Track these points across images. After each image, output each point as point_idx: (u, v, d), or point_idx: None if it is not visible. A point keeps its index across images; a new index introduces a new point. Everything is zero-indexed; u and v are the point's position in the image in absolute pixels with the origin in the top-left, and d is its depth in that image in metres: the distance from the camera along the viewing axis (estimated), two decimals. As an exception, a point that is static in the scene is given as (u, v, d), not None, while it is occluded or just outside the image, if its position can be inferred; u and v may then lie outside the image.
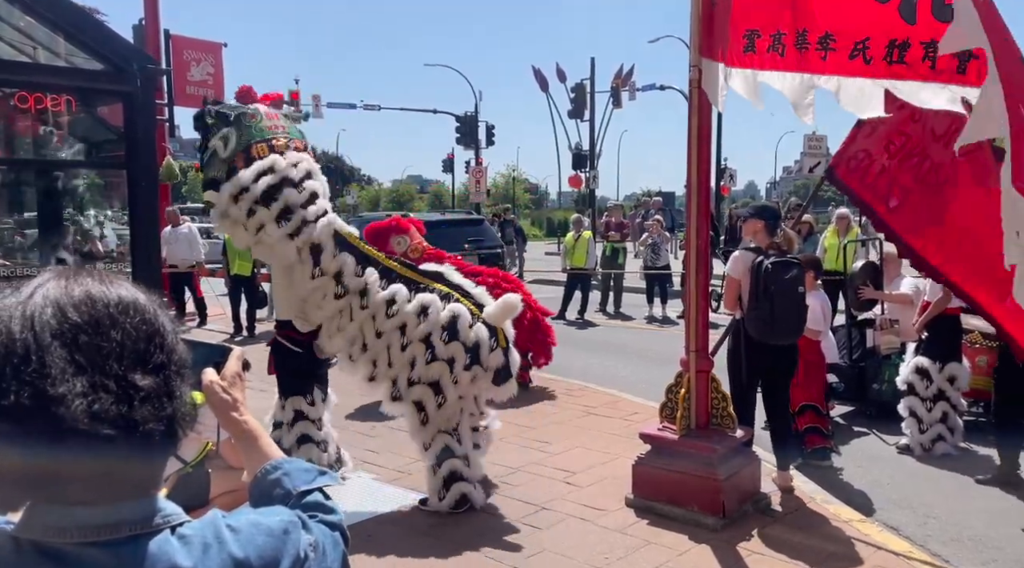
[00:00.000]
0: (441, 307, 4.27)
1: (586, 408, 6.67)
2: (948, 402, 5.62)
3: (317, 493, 1.13)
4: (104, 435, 0.82)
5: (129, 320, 0.89)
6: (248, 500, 1.17)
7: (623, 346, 10.15)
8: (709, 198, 4.76)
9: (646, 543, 4.02)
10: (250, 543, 0.92)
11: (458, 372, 4.25)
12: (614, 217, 14.01)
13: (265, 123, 4.44)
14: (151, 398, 0.87)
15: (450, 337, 4.23)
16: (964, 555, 4.10)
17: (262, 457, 1.17)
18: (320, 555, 1.00)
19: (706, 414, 4.56)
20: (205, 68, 9.84)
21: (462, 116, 28.92)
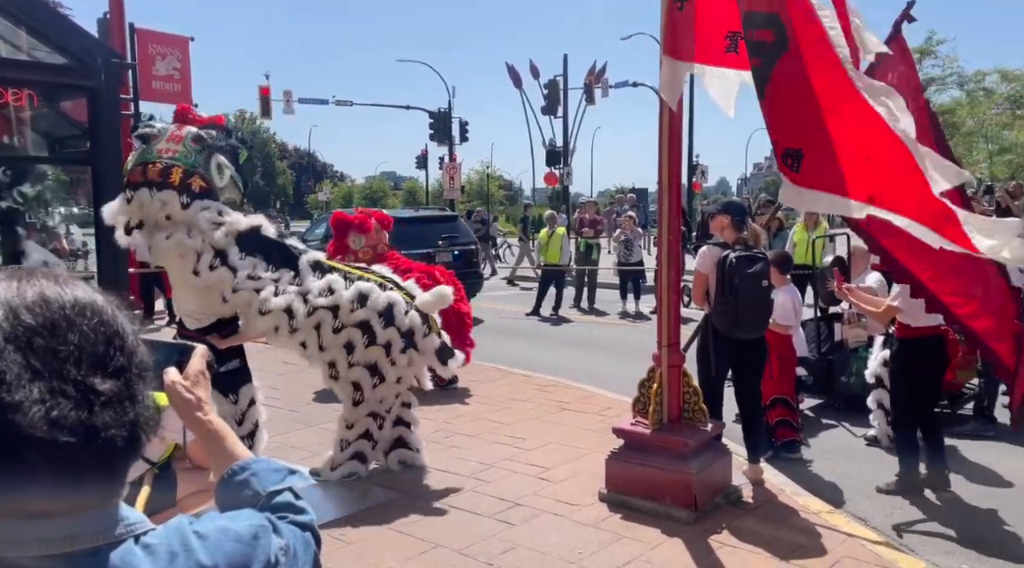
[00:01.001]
0: (379, 294, 4.58)
1: (560, 403, 6.69)
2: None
3: (287, 493, 1.10)
4: (64, 443, 0.79)
5: (86, 322, 0.86)
6: (215, 502, 1.15)
7: (597, 342, 10.19)
8: (680, 194, 4.79)
9: (619, 537, 4.04)
10: (218, 550, 0.90)
11: (395, 355, 4.60)
12: (588, 213, 14.06)
13: (159, 146, 4.49)
14: (112, 403, 0.84)
15: (386, 323, 4.57)
16: (929, 544, 4.19)
17: (229, 457, 1.15)
18: (291, 558, 0.98)
19: (678, 408, 4.60)
20: (171, 63, 9.65)
21: (435, 112, 28.80)
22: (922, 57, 26.73)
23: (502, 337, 10.65)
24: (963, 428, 6.03)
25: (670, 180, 4.52)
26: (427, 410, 6.53)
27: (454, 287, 6.79)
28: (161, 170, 4.51)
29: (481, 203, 51.36)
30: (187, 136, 4.55)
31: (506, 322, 12.00)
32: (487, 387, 7.34)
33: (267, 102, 26.74)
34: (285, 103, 28.82)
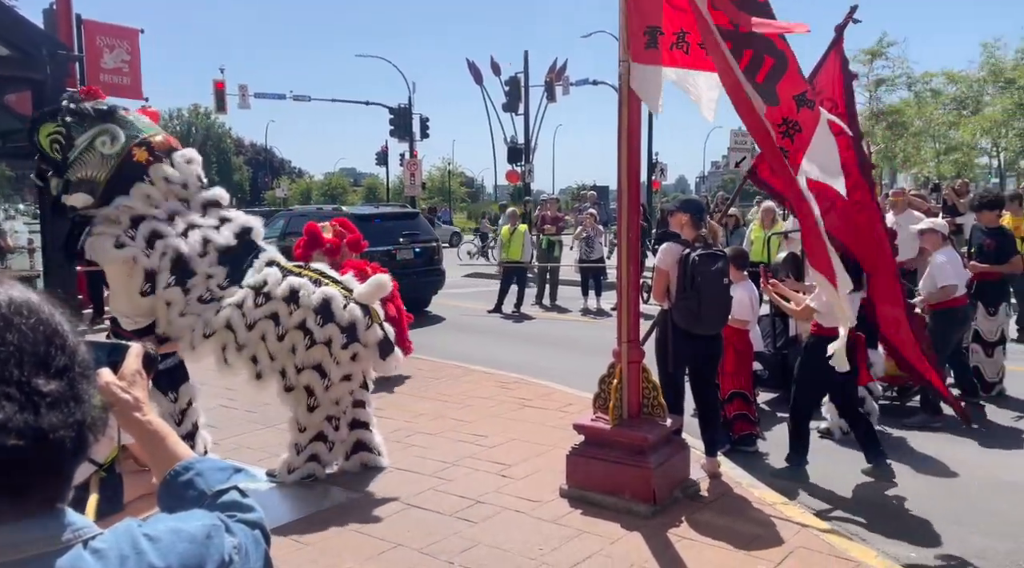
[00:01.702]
0: (312, 290, 4.45)
1: (521, 400, 6.70)
2: (865, 387, 5.89)
3: (234, 492, 1.08)
4: (10, 447, 0.77)
5: (24, 321, 0.83)
6: (157, 505, 1.12)
7: (559, 338, 10.24)
8: (639, 192, 4.84)
9: (580, 532, 4.07)
10: (171, 551, 0.88)
11: (336, 352, 4.44)
12: (549, 210, 14.11)
13: (144, 119, 4.39)
14: (58, 404, 0.82)
15: (324, 320, 4.42)
16: (879, 533, 4.31)
17: (171, 458, 1.12)
18: (243, 557, 0.97)
19: (638, 404, 4.65)
20: (120, 55, 9.38)
21: (396, 108, 28.57)
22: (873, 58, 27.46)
23: (464, 334, 10.63)
24: (911, 420, 6.22)
25: (629, 178, 4.56)
26: (388, 409, 6.50)
27: None
28: (162, 143, 4.41)
29: (443, 200, 51.19)
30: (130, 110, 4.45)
31: (468, 319, 11.98)
32: (449, 385, 7.32)
33: (222, 96, 26.16)
34: (241, 98, 28.24)
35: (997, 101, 24.24)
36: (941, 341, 6.25)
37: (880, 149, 28.69)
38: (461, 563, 3.75)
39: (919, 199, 9.72)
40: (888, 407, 6.41)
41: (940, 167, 27.31)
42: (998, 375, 6.98)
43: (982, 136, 25.28)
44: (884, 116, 27.90)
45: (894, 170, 31.63)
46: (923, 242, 6.87)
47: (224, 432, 5.75)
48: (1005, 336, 7.18)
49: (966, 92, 26.41)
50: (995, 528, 4.32)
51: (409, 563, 3.76)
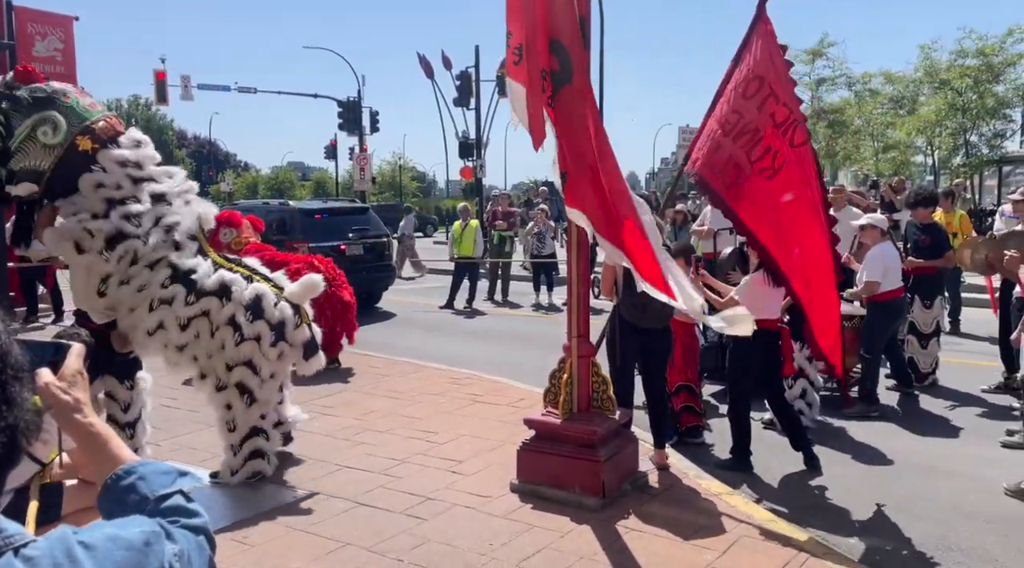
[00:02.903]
0: (244, 286, 4.44)
1: (473, 396, 6.69)
2: (807, 379, 6.06)
3: (178, 496, 1.05)
4: None
5: None
6: (98, 509, 1.08)
7: (511, 334, 10.26)
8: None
9: (530, 527, 4.09)
10: (107, 559, 0.84)
11: (265, 349, 4.44)
12: (501, 206, 14.10)
13: (84, 101, 4.22)
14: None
15: (254, 316, 4.42)
16: (819, 520, 4.44)
17: (112, 461, 1.07)
18: (185, 564, 0.94)
19: (587, 398, 4.68)
20: (52, 43, 9.00)
21: (345, 101, 28.13)
22: (815, 58, 28.16)
23: (415, 330, 10.56)
24: (850, 410, 6.42)
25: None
26: (338, 407, 6.41)
27: (335, 275, 7.46)
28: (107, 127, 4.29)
29: (394, 195, 50.69)
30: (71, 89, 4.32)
31: (419, 315, 11.91)
32: (400, 381, 7.27)
33: (163, 87, 25.38)
34: (183, 88, 27.45)
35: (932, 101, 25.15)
36: (877, 332, 6.46)
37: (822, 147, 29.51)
38: (411, 561, 3.72)
39: (858, 196, 10.02)
40: (829, 398, 6.60)
41: (878, 165, 28.21)
42: (932, 366, 7.25)
43: (917, 135, 26.18)
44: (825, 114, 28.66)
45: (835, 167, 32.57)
46: (862, 237, 7.08)
47: (166, 433, 5.59)
48: (939, 328, 7.47)
49: (903, 92, 27.32)
50: (930, 513, 4.49)
51: (358, 562, 3.72)
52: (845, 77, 28.77)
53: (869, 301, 6.52)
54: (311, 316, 4.82)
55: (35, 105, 4.05)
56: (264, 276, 4.70)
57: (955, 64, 24.08)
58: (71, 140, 4.09)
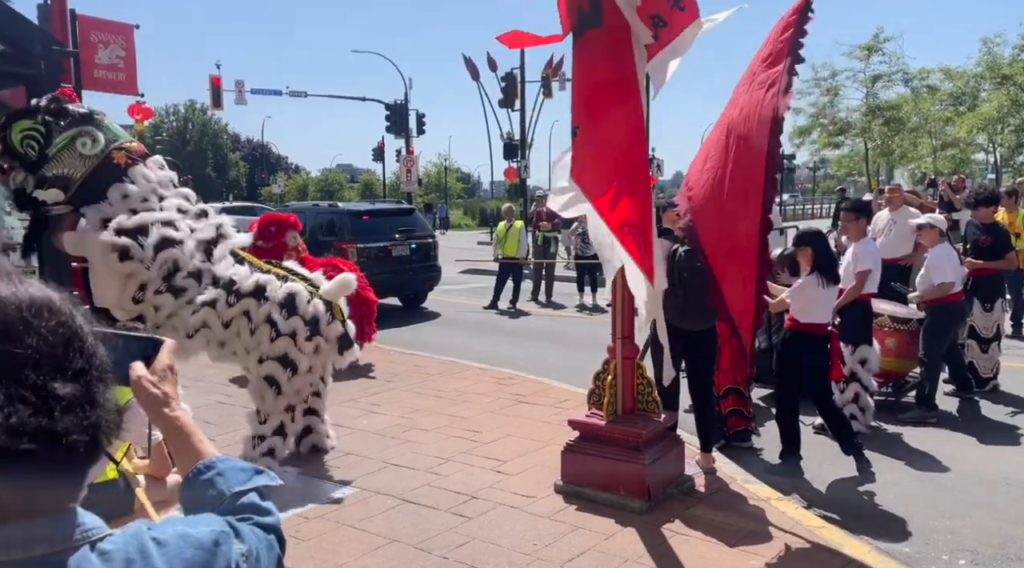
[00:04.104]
0: (278, 286, 4.69)
1: (517, 396, 6.71)
2: (859, 383, 5.91)
3: (253, 494, 1.07)
4: (23, 450, 0.76)
5: (44, 324, 0.83)
6: (179, 502, 1.12)
7: (554, 334, 10.25)
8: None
9: (574, 528, 4.08)
10: (177, 557, 0.87)
11: (301, 344, 4.66)
12: (545, 207, 14.09)
13: (114, 126, 4.59)
14: (73, 407, 0.81)
15: (289, 313, 4.65)
16: (873, 528, 4.32)
17: (195, 455, 1.11)
18: (253, 563, 0.96)
19: (632, 400, 4.65)
20: (115, 51, 9.33)
21: (392, 104, 28.50)
22: (869, 54, 27.45)
23: (460, 330, 10.63)
24: (905, 416, 6.24)
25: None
26: (384, 405, 6.51)
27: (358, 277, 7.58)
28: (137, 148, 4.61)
29: (439, 196, 51.12)
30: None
31: (464, 315, 11.98)
32: (445, 381, 7.33)
33: (218, 92, 26.06)
34: (237, 93, 28.16)
35: (993, 97, 24.25)
36: (938, 337, 6.27)
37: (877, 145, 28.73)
38: (456, 559, 3.76)
39: (912, 195, 9.73)
40: (883, 403, 6.42)
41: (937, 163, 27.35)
42: (992, 371, 7.00)
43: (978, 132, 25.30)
44: (881, 112, 27.89)
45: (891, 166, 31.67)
46: (920, 238, 6.88)
47: (221, 428, 5.75)
48: (1000, 332, 7.20)
49: (963, 88, 26.43)
50: (987, 523, 4.34)
51: (404, 559, 3.77)
52: (902, 73, 27.96)
53: (928, 304, 6.33)
54: (346, 312, 5.03)
55: (79, 119, 4.42)
56: (302, 276, 4.95)
57: (1018, 59, 23.17)
58: (108, 153, 4.44)
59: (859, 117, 28.60)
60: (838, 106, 29.16)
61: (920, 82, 27.76)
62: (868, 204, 6.95)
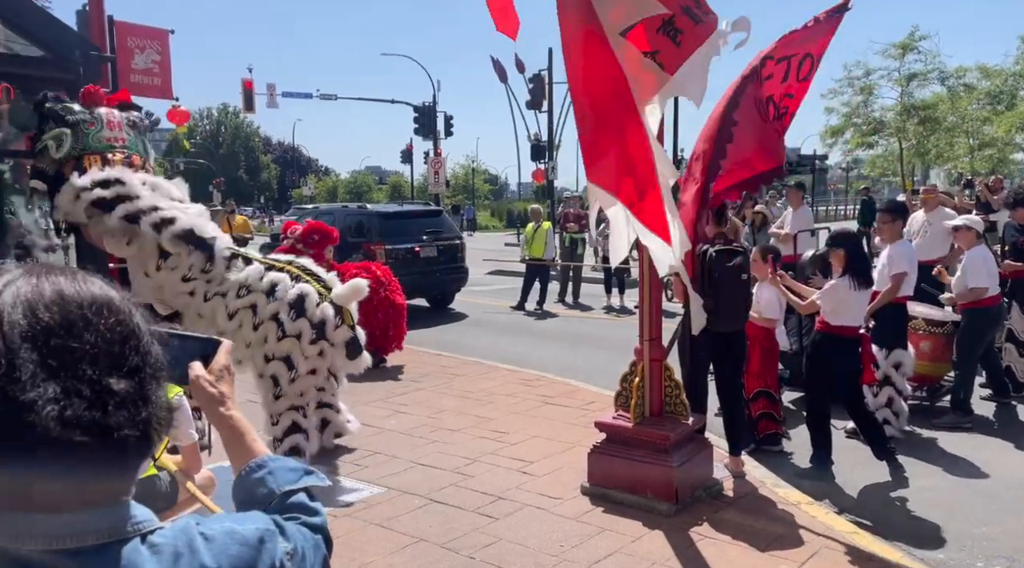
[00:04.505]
0: (290, 285, 4.70)
1: (544, 398, 6.71)
2: (893, 387, 5.80)
3: (302, 494, 1.09)
4: (77, 442, 0.79)
5: (103, 321, 0.85)
6: (233, 499, 1.14)
7: (581, 336, 10.22)
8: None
9: (601, 530, 4.07)
10: (223, 553, 0.89)
11: (305, 346, 4.64)
12: (572, 208, 14.07)
13: (104, 134, 4.69)
14: (126, 403, 0.83)
15: (297, 314, 4.65)
16: (906, 534, 4.24)
17: (248, 454, 1.14)
18: (299, 561, 0.97)
19: (660, 402, 4.62)
20: (151, 56, 9.51)
21: (420, 106, 28.67)
22: (905, 52, 26.97)
23: (487, 331, 10.65)
24: (940, 420, 6.11)
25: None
26: (411, 405, 6.54)
27: (390, 280, 7.98)
28: (124, 159, 4.77)
29: (466, 198, 51.29)
30: (124, 122, 4.78)
31: (490, 316, 12.00)
32: (472, 382, 7.35)
33: (250, 96, 26.48)
34: (268, 97, 28.58)
35: (1033, 95, 23.67)
36: (974, 340, 6.13)
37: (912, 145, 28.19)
38: (483, 559, 3.77)
39: (944, 196, 9.54)
40: (917, 407, 6.30)
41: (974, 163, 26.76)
42: (1031, 375, 6.82)
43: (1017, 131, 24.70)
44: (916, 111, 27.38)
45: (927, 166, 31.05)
46: (956, 240, 6.74)
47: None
48: (1039, 335, 7.02)
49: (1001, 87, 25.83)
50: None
51: (431, 558, 3.79)
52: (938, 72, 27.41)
53: (965, 307, 6.20)
54: (356, 318, 4.98)
55: (59, 121, 4.63)
56: (316, 276, 4.92)
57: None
58: (63, 161, 4.63)
59: (893, 116, 28.10)
60: (872, 105, 28.69)
61: (957, 81, 27.19)
62: (903, 205, 6.81)
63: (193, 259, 4.65)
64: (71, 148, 4.59)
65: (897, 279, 5.63)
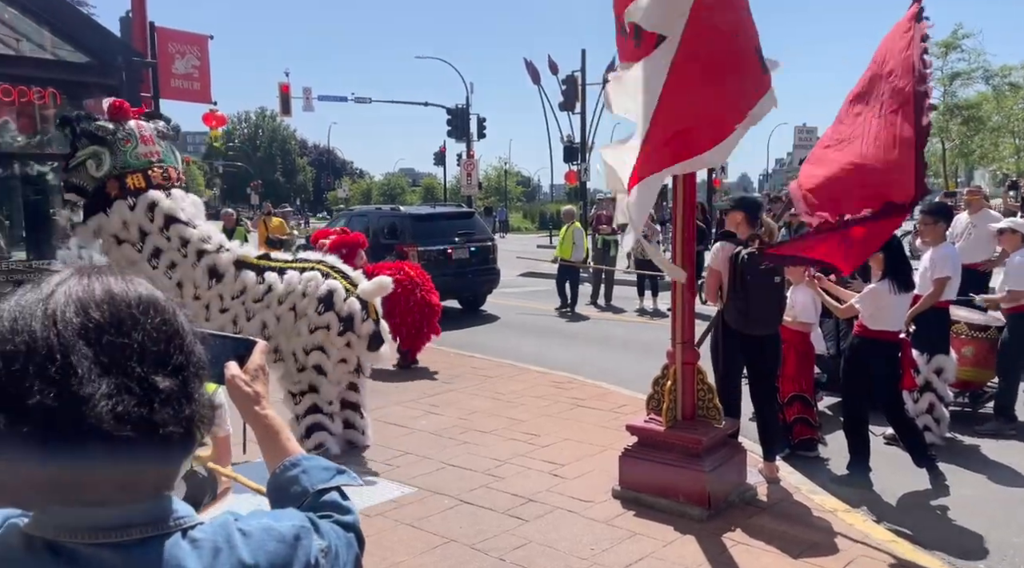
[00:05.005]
0: (321, 282, 5.07)
1: (575, 400, 6.68)
2: (935, 393, 5.66)
3: (334, 492, 1.10)
4: (125, 437, 0.81)
5: (150, 320, 0.88)
6: (267, 496, 1.15)
7: (613, 338, 10.17)
8: (694, 191, 4.75)
9: (632, 534, 4.04)
10: (260, 549, 0.91)
11: (333, 338, 5.03)
12: (605, 210, 14.01)
13: (140, 150, 4.90)
14: (171, 400, 0.86)
15: (325, 308, 5.01)
16: (947, 543, 4.13)
17: (282, 452, 1.15)
18: (332, 559, 0.98)
19: (692, 406, 4.57)
20: (190, 61, 9.73)
21: (453, 109, 28.81)
22: (948, 51, 26.34)
23: (518, 333, 10.65)
24: (983, 427, 5.94)
25: (684, 177, 4.48)
26: (443, 406, 6.57)
27: (424, 280, 8.18)
28: (163, 173, 4.98)
29: (499, 199, 51.38)
30: (155, 134, 4.97)
31: (522, 318, 12.00)
32: (503, 383, 7.36)
33: (287, 99, 26.87)
34: (305, 100, 28.96)
35: (1083, 94, 22.92)
36: (1018, 345, 5.95)
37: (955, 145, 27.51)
38: (513, 561, 3.76)
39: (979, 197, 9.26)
40: (960, 414, 6.14)
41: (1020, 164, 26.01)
42: (1080, 382, 6.59)
43: (1066, 131, 23.96)
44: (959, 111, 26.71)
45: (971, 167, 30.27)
46: (1001, 242, 6.56)
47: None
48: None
49: (1048, 85, 25.09)
50: (1075, 543, 4.09)
51: (461, 559, 3.80)
52: (982, 70, 26.70)
53: (1010, 311, 6.02)
54: (380, 312, 5.32)
55: (94, 140, 4.80)
56: (343, 273, 5.23)
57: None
58: (106, 179, 4.83)
59: (936, 116, 27.47)
60: (913, 105, 28.04)
61: (1002, 79, 26.44)
62: (947, 207, 6.62)
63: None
64: (111, 167, 4.78)
65: (940, 283, 5.49)
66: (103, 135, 4.78)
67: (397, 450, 5.41)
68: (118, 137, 4.81)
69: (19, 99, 6.89)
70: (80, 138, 4.80)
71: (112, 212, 4.83)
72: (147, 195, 4.88)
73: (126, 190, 4.83)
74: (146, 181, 4.86)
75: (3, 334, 0.82)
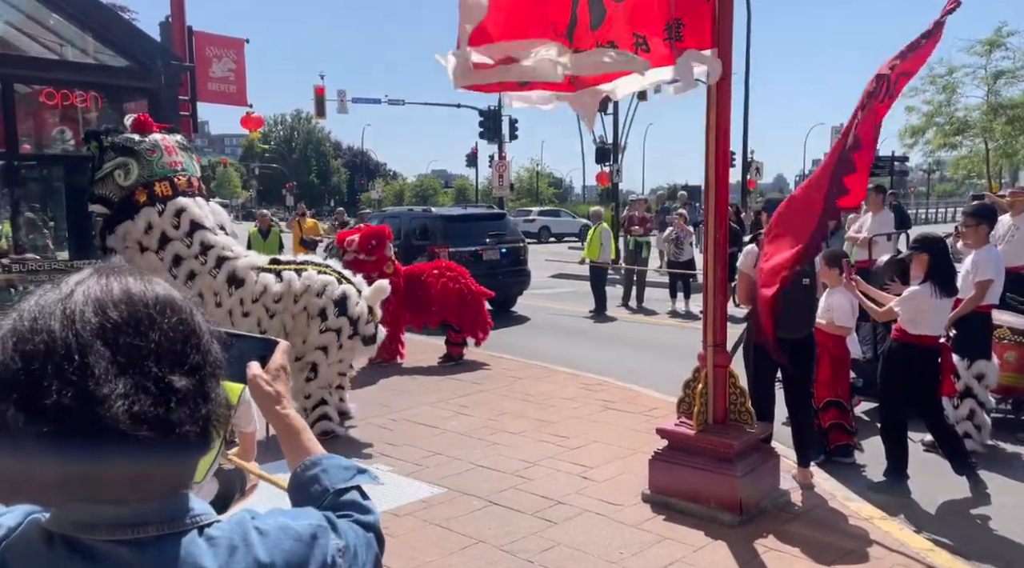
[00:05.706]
0: (336, 287, 5.40)
1: (605, 403, 6.64)
2: (975, 399, 5.51)
3: (354, 492, 1.10)
4: (142, 437, 0.81)
5: (167, 320, 0.88)
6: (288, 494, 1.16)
7: (644, 341, 10.09)
8: (727, 192, 4.70)
9: (661, 539, 4.00)
10: (277, 547, 0.91)
11: (344, 339, 5.38)
12: (637, 211, 13.91)
13: (166, 160, 5.07)
14: (187, 400, 0.86)
15: (340, 312, 5.36)
16: (986, 553, 4.02)
17: (303, 452, 1.16)
18: (350, 558, 0.98)
19: (724, 409, 4.52)
20: (227, 64, 9.89)
21: (485, 110, 28.84)
22: (992, 49, 25.66)
23: (549, 335, 10.63)
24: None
25: (717, 177, 4.44)
26: (472, 407, 6.58)
27: (463, 275, 8.45)
28: (187, 181, 5.16)
29: (531, 201, 51.34)
30: (176, 145, 5.16)
31: (553, 320, 11.97)
32: (533, 385, 7.35)
33: (322, 102, 27.17)
34: (339, 103, 29.25)
35: None
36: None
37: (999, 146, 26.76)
38: (541, 563, 3.75)
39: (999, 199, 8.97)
40: (1002, 421, 5.97)
41: (1067, 164, 25.20)
42: None
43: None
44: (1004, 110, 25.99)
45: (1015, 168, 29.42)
46: (1044, 245, 6.35)
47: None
48: None
49: (1098, 83, 24.27)
50: (1124, 557, 3.95)
51: (489, 560, 3.80)
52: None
53: (1053, 316, 5.84)
54: (380, 315, 5.71)
55: (121, 151, 4.98)
56: (348, 280, 5.58)
57: None
58: (134, 187, 4.98)
59: (979, 116, 26.73)
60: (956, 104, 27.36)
61: (1049, 77, 25.65)
62: (992, 208, 6.43)
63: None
64: (139, 176, 4.94)
65: (982, 286, 5.35)
66: (130, 146, 4.95)
67: (427, 450, 5.44)
68: (144, 147, 4.98)
69: (62, 102, 7.09)
70: (107, 151, 4.97)
71: (138, 217, 4.97)
72: (176, 201, 5.05)
73: (154, 197, 4.99)
74: (173, 188, 5.03)
75: (23, 333, 0.83)
